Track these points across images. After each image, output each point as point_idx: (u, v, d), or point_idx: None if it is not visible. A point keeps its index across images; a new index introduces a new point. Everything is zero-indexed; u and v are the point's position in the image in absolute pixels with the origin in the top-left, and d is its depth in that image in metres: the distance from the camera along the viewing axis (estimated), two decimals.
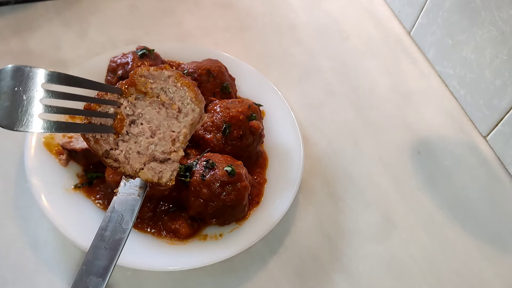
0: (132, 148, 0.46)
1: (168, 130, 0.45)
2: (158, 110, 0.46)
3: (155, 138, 0.45)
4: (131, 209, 0.47)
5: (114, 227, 0.46)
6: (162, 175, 0.46)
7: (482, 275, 0.81)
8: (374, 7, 1.24)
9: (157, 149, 0.45)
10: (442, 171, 0.93)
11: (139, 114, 0.46)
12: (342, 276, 0.77)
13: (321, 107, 1.00)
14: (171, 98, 0.45)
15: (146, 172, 0.46)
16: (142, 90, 0.45)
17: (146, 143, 0.45)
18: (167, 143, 0.45)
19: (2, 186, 0.79)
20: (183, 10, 1.13)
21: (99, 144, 0.46)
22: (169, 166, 0.46)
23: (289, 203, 0.78)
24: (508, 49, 0.89)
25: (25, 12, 1.05)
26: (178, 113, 0.45)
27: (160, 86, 0.45)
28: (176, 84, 0.45)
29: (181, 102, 0.45)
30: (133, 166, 0.46)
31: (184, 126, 0.45)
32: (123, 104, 0.46)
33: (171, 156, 0.46)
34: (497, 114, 0.94)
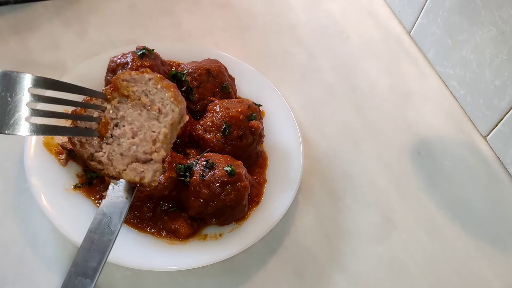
0: (115, 150, 0.48)
1: (149, 130, 0.47)
2: (140, 112, 0.47)
3: (136, 139, 0.47)
4: (119, 212, 0.48)
5: (103, 229, 0.47)
6: (144, 175, 0.47)
7: (482, 275, 0.81)
8: (374, 7, 1.24)
9: (139, 149, 0.47)
10: (442, 171, 0.93)
11: (122, 116, 0.48)
12: (342, 276, 0.77)
13: (321, 107, 1.00)
14: (151, 100, 0.47)
15: (129, 172, 0.48)
16: (124, 93, 0.47)
17: (128, 144, 0.47)
18: (148, 143, 0.47)
19: (2, 186, 0.79)
20: (183, 10, 1.13)
21: (84, 148, 0.48)
22: (151, 167, 0.47)
23: (288, 203, 0.78)
24: (508, 49, 0.89)
25: (24, 12, 1.05)
26: (158, 114, 0.47)
27: (141, 89, 0.48)
28: (156, 86, 0.47)
29: (161, 103, 0.47)
30: (116, 168, 0.48)
31: (164, 126, 0.47)
32: (107, 108, 0.48)
33: (153, 157, 0.47)
34: (497, 114, 0.94)
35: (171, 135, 0.48)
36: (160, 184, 0.72)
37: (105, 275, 0.72)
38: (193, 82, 0.85)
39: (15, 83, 0.42)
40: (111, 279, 0.72)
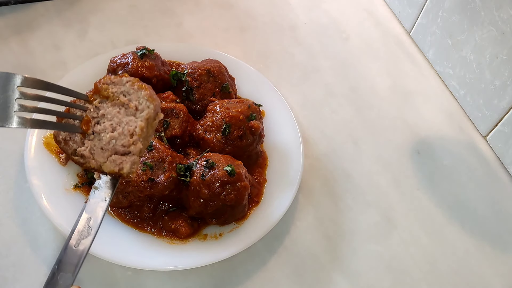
0: (96, 144, 0.53)
1: (127, 125, 0.52)
2: (118, 110, 0.53)
3: (115, 133, 0.52)
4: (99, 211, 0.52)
5: (83, 228, 0.51)
6: (123, 166, 0.52)
7: (482, 275, 0.81)
8: (374, 7, 1.24)
9: (118, 143, 0.52)
10: (442, 171, 0.93)
11: (102, 114, 0.53)
12: (342, 276, 0.77)
13: (321, 107, 1.01)
14: (129, 99, 0.53)
15: (109, 164, 0.52)
16: (104, 94, 0.53)
17: (107, 138, 0.52)
18: (126, 137, 0.52)
19: (2, 186, 0.80)
20: (183, 11, 1.13)
21: (68, 145, 0.54)
22: (129, 158, 0.52)
23: (289, 203, 0.78)
24: (508, 49, 0.89)
25: (25, 12, 1.05)
26: (135, 111, 0.53)
27: (120, 90, 0.53)
28: (133, 87, 0.53)
29: (138, 102, 0.53)
30: (97, 160, 0.53)
31: (141, 121, 0.52)
32: (89, 107, 0.53)
33: (130, 149, 0.52)
34: (496, 114, 0.94)
35: (147, 129, 0.52)
36: (161, 184, 0.72)
37: (105, 274, 0.72)
38: (194, 82, 0.85)
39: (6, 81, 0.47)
40: (111, 279, 0.72)
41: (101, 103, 0.53)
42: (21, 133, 0.83)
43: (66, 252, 0.48)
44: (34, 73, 0.95)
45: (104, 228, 0.73)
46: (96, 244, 0.69)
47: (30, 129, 0.79)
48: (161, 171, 0.73)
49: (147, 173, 0.72)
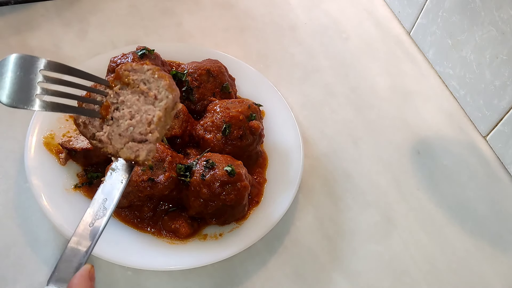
0: (115, 130, 0.53)
1: (145, 114, 0.53)
2: (138, 97, 0.53)
3: (133, 121, 0.53)
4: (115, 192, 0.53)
5: (98, 208, 0.52)
6: (139, 153, 0.52)
7: (482, 275, 0.81)
8: (374, 7, 1.24)
9: (135, 130, 0.53)
10: (442, 171, 0.93)
11: (122, 101, 0.54)
12: (342, 276, 0.77)
13: (321, 107, 1.01)
14: (149, 87, 0.53)
15: (125, 151, 0.53)
16: (125, 81, 0.54)
17: (126, 125, 0.53)
18: (144, 125, 0.52)
19: (2, 186, 0.80)
20: (183, 11, 1.13)
21: (87, 129, 0.54)
22: (145, 146, 0.52)
23: (289, 203, 0.78)
24: (508, 49, 0.89)
25: (25, 12, 1.05)
26: (154, 99, 0.53)
27: (140, 78, 0.54)
28: (154, 75, 0.53)
29: (157, 90, 0.53)
30: (114, 146, 0.53)
31: (159, 110, 0.52)
32: (109, 93, 0.54)
33: (147, 137, 0.52)
34: (496, 114, 0.94)
35: (164, 119, 0.53)
36: (161, 184, 0.72)
37: (106, 274, 0.72)
38: (194, 82, 0.85)
39: (29, 64, 0.47)
40: (111, 279, 0.72)
41: (121, 89, 0.54)
42: (21, 133, 0.83)
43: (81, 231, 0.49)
44: None
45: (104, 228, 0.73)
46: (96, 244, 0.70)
47: (30, 129, 0.79)
48: (161, 171, 0.73)
49: (147, 173, 0.72)
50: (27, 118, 0.82)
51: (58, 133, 0.81)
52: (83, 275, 0.46)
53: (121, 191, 0.53)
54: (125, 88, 0.54)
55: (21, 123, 0.85)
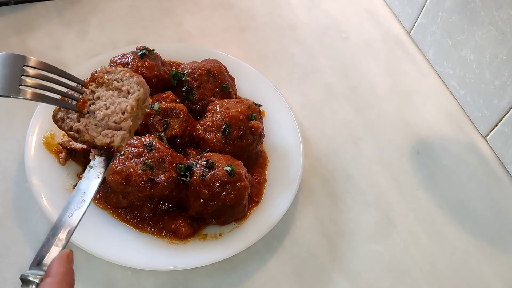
0: (91, 121, 0.58)
1: (119, 105, 0.58)
2: (112, 93, 0.59)
3: (109, 111, 0.57)
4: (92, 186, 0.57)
5: (77, 201, 0.55)
6: (114, 139, 0.57)
7: (482, 275, 0.81)
8: (374, 7, 1.24)
9: (110, 119, 0.57)
10: (442, 171, 0.93)
11: (97, 97, 0.59)
12: (342, 276, 0.77)
13: (321, 107, 1.01)
14: (122, 84, 0.59)
15: (101, 137, 0.57)
16: (100, 81, 0.59)
17: (101, 115, 0.57)
18: (118, 114, 0.57)
19: (3, 186, 0.80)
20: (183, 11, 1.13)
21: (65, 123, 0.59)
22: (120, 133, 0.57)
23: (289, 203, 0.78)
24: (508, 49, 0.89)
25: (25, 12, 1.05)
26: (127, 94, 0.58)
27: (114, 77, 0.59)
28: (126, 74, 0.59)
29: (129, 86, 0.59)
30: (91, 135, 0.58)
31: (132, 100, 0.58)
32: (85, 91, 0.59)
33: (121, 125, 0.57)
34: (496, 114, 0.94)
35: (137, 109, 0.58)
36: (161, 184, 0.72)
37: (105, 274, 0.72)
38: (194, 82, 0.85)
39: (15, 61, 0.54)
40: (111, 279, 0.72)
41: (96, 87, 0.59)
42: (21, 133, 0.83)
43: (61, 220, 0.53)
44: None
45: (104, 228, 0.73)
46: (96, 244, 0.70)
47: (30, 129, 0.79)
48: (161, 171, 0.73)
49: (147, 173, 0.72)
50: (27, 118, 0.82)
51: (58, 133, 0.81)
52: (62, 257, 0.50)
53: (98, 184, 0.58)
54: (101, 87, 0.59)
55: (21, 123, 0.85)
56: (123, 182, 0.72)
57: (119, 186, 0.72)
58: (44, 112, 0.82)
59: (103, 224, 0.74)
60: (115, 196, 0.75)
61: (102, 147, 0.57)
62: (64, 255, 0.50)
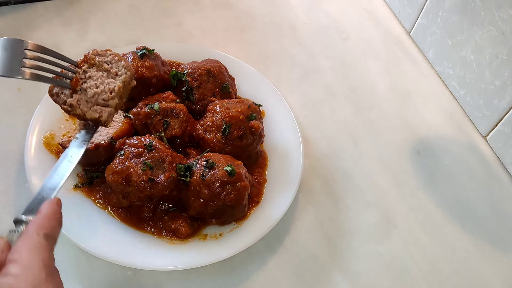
0: (83, 98, 0.65)
1: (108, 85, 0.65)
2: (102, 74, 0.66)
3: (98, 89, 0.65)
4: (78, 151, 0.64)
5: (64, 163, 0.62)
6: (102, 114, 0.65)
7: (482, 275, 0.81)
8: (374, 7, 1.24)
9: (99, 97, 0.65)
10: (442, 171, 0.93)
11: (89, 76, 0.66)
12: (342, 276, 0.77)
13: (321, 107, 1.01)
14: (111, 66, 0.66)
15: (91, 112, 0.65)
16: (91, 63, 0.67)
17: (92, 93, 0.65)
18: (106, 93, 0.65)
19: (2, 186, 0.80)
20: (183, 11, 1.13)
21: (59, 97, 0.66)
22: (107, 109, 0.65)
23: (289, 203, 0.78)
24: (508, 49, 0.89)
25: (25, 12, 1.05)
26: (115, 75, 0.66)
27: (104, 60, 0.67)
28: (115, 58, 0.67)
29: (117, 69, 0.66)
30: (82, 109, 0.65)
31: (119, 82, 0.66)
32: (78, 71, 0.66)
33: (109, 103, 0.65)
34: (496, 114, 0.94)
35: (123, 90, 0.66)
36: (161, 184, 0.72)
37: (106, 274, 0.72)
38: (194, 82, 0.85)
39: (16, 44, 0.62)
40: (111, 279, 0.72)
41: (88, 68, 0.66)
42: (21, 133, 0.83)
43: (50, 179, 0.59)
44: None
45: (104, 228, 0.73)
46: (96, 244, 0.70)
47: (30, 129, 0.80)
48: (161, 171, 0.73)
49: (147, 173, 0.72)
50: (27, 118, 0.82)
51: (58, 133, 0.81)
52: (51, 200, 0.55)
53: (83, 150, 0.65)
54: (92, 68, 0.67)
55: (21, 123, 0.85)
56: (123, 182, 0.72)
57: (119, 186, 0.72)
58: (44, 112, 0.82)
59: (103, 224, 0.74)
60: (115, 196, 0.75)
61: (92, 120, 0.65)
62: (54, 200, 0.55)
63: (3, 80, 0.92)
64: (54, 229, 0.52)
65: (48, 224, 0.52)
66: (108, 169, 0.74)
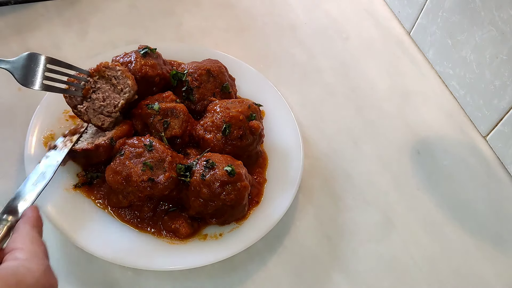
0: (90, 106, 0.76)
1: (113, 100, 0.76)
2: (109, 87, 0.77)
3: (105, 103, 0.76)
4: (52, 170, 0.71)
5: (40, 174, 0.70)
6: (104, 122, 0.77)
7: (482, 275, 0.81)
8: (374, 7, 1.24)
9: (105, 109, 0.77)
10: (442, 171, 0.93)
11: (98, 87, 0.77)
12: (342, 276, 0.77)
13: (321, 107, 1.01)
14: (118, 82, 0.77)
15: (95, 119, 0.77)
16: (102, 74, 0.77)
17: (98, 105, 0.76)
18: (111, 107, 0.76)
19: (2, 186, 0.80)
20: (183, 10, 1.13)
21: (71, 101, 0.77)
22: (109, 119, 0.77)
23: (289, 203, 0.78)
24: (508, 49, 0.89)
25: (25, 12, 1.05)
26: (120, 91, 0.77)
27: (113, 75, 0.77)
28: (122, 74, 0.77)
29: (123, 86, 0.77)
30: (89, 116, 0.77)
31: (123, 99, 0.76)
32: (90, 80, 0.77)
33: (112, 115, 0.77)
34: (496, 114, 0.94)
35: (125, 106, 0.77)
36: (161, 184, 0.72)
37: (106, 274, 0.72)
38: (194, 82, 0.85)
39: (37, 59, 0.72)
40: (111, 279, 0.72)
41: (98, 79, 0.77)
42: (21, 133, 0.83)
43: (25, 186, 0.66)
44: None
45: (104, 228, 0.73)
46: (96, 244, 0.70)
47: (30, 129, 0.80)
48: (161, 171, 0.73)
49: (147, 173, 0.72)
50: (27, 118, 0.82)
51: (58, 133, 0.81)
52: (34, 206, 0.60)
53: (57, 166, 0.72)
54: (102, 79, 0.77)
55: (21, 123, 0.85)
56: (123, 182, 0.72)
57: (119, 186, 0.72)
58: (44, 112, 0.82)
59: (103, 224, 0.74)
60: (115, 196, 0.75)
61: (95, 125, 0.77)
62: (35, 206, 0.61)
63: (3, 80, 0.92)
64: (41, 229, 0.57)
65: (38, 224, 0.57)
66: (108, 169, 0.74)
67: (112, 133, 0.78)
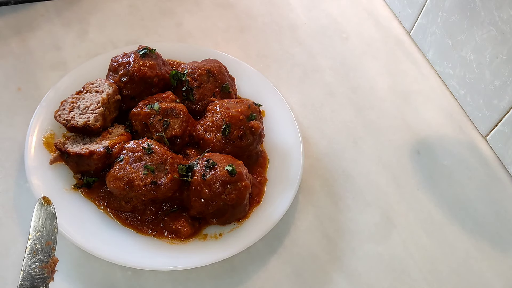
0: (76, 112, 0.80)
1: (96, 98, 0.81)
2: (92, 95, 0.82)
3: (88, 103, 0.81)
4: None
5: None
6: (89, 119, 0.79)
7: (481, 275, 0.81)
8: (374, 7, 1.24)
9: (89, 109, 0.80)
10: (442, 171, 0.93)
11: (83, 98, 0.82)
12: (342, 276, 0.77)
13: (321, 107, 1.01)
14: (98, 87, 0.83)
15: (81, 120, 0.79)
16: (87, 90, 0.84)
17: (83, 107, 0.81)
18: (94, 105, 0.80)
19: (2, 186, 0.80)
20: (183, 11, 1.13)
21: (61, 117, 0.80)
22: (93, 115, 0.79)
23: (289, 203, 0.78)
24: (508, 49, 0.89)
25: (25, 12, 1.05)
26: (101, 92, 0.82)
27: (95, 85, 0.84)
28: (102, 81, 0.84)
29: (103, 88, 0.83)
30: (76, 120, 0.79)
31: (104, 95, 0.81)
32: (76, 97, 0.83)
33: (96, 111, 0.80)
34: (496, 114, 0.94)
35: (108, 102, 0.81)
36: (164, 186, 0.72)
37: (105, 274, 0.72)
38: (194, 82, 0.85)
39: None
40: (111, 279, 0.72)
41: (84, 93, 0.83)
42: (21, 133, 0.83)
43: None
44: (34, 73, 0.95)
45: (104, 228, 0.73)
46: (97, 244, 0.70)
47: (30, 129, 0.80)
48: (163, 173, 0.73)
49: (149, 176, 0.72)
50: (27, 118, 0.82)
51: (58, 133, 0.81)
52: None
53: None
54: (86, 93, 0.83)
55: (21, 123, 0.85)
56: (126, 187, 0.71)
57: (122, 191, 0.72)
58: (45, 112, 0.82)
59: (103, 224, 0.74)
60: (116, 201, 0.74)
61: (83, 127, 0.78)
62: None
63: (3, 80, 0.92)
64: None
65: None
66: (108, 175, 0.73)
67: (108, 142, 0.77)
